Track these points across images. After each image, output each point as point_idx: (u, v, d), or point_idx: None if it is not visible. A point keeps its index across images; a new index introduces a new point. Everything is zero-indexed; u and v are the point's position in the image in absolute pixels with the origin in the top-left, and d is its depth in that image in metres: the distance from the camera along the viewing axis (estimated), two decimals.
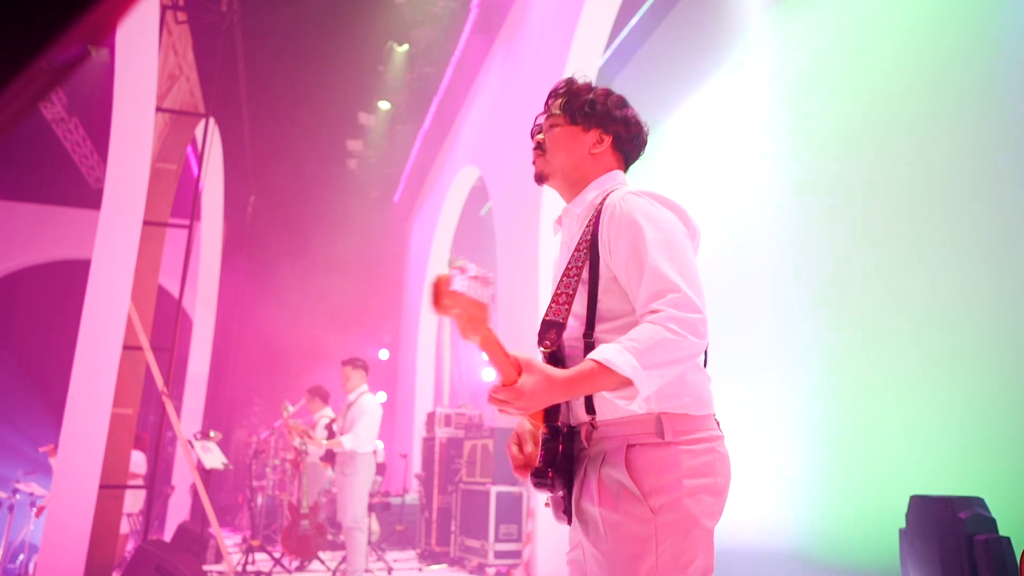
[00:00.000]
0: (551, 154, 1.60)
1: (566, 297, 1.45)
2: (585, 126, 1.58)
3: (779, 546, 4.99)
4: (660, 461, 1.35)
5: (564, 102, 1.60)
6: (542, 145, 1.61)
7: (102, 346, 4.66)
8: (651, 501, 1.32)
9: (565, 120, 1.60)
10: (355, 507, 5.13)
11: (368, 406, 5.27)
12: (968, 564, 2.94)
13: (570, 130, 1.59)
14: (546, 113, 1.64)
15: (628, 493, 1.34)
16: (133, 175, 4.99)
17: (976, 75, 4.08)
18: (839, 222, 4.96)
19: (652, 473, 1.34)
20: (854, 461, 4.53)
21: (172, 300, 6.85)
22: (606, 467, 1.38)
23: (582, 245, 1.48)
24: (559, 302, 1.45)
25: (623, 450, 1.37)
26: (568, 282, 1.46)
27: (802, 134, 5.37)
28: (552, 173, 1.61)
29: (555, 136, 1.60)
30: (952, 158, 4.18)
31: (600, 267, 1.45)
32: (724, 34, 6.35)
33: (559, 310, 1.44)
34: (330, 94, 10.10)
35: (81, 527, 4.41)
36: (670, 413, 1.38)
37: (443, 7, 8.36)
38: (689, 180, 6.78)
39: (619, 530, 1.33)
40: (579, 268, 1.46)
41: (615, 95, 1.62)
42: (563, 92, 1.63)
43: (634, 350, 1.27)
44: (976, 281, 3.95)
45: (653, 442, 1.36)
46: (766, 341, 5.41)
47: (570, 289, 1.45)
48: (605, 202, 1.49)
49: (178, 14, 6.49)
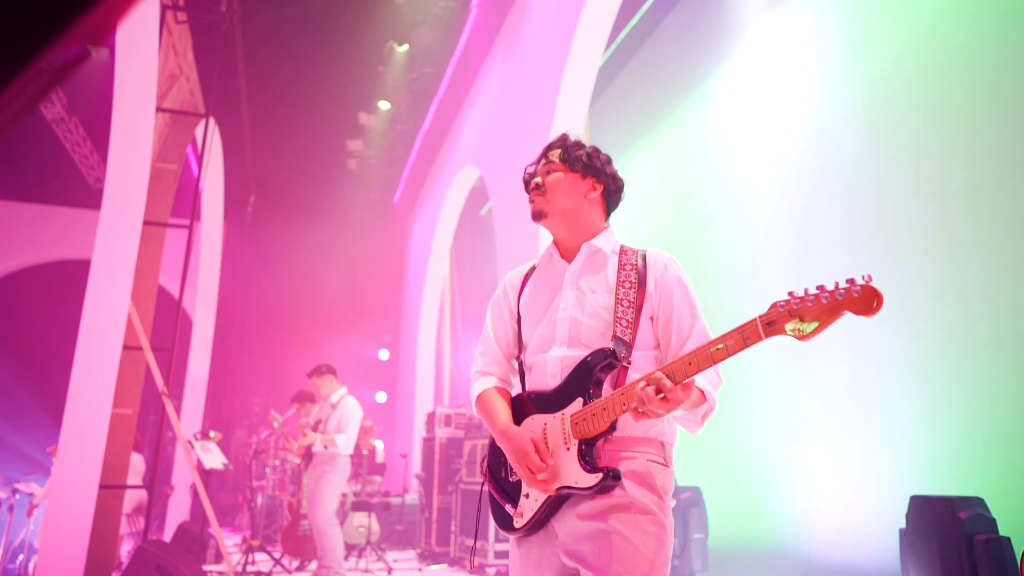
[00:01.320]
0: (552, 195, 1.80)
1: (627, 323, 1.67)
2: (583, 174, 1.80)
3: (779, 546, 4.99)
4: (667, 480, 1.65)
5: (562, 152, 1.82)
6: (541, 187, 1.81)
7: (102, 346, 4.66)
8: (663, 507, 1.62)
9: (564, 168, 1.81)
10: (328, 506, 5.14)
11: (351, 408, 5.34)
12: (968, 564, 2.94)
13: (569, 176, 1.81)
14: (543, 161, 1.85)
15: (654, 489, 1.61)
16: (133, 175, 4.99)
17: (979, 72, 4.08)
18: (839, 221, 4.96)
19: (664, 483, 1.63)
20: (854, 461, 4.53)
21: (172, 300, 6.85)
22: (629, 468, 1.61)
23: (626, 283, 1.71)
24: (623, 325, 1.67)
25: (645, 462, 1.62)
26: (626, 311, 1.68)
27: (801, 133, 5.37)
28: (552, 212, 1.81)
29: (556, 180, 1.81)
30: (952, 158, 4.18)
31: (646, 305, 1.70)
32: (724, 34, 6.35)
33: (625, 332, 1.66)
34: (330, 94, 10.10)
35: (81, 527, 4.41)
36: (667, 442, 1.68)
37: (443, 7, 8.35)
38: (688, 180, 6.78)
39: (648, 516, 1.57)
40: (631, 302, 1.69)
41: (604, 154, 1.87)
42: (559, 144, 1.85)
43: (713, 384, 1.63)
44: (976, 280, 3.95)
45: (661, 463, 1.65)
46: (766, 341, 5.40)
47: (629, 317, 1.68)
48: (649, 257, 1.76)
49: (178, 14, 6.49)
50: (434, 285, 11.92)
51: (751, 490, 5.37)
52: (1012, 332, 3.71)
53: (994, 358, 3.79)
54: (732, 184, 6.10)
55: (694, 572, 4.70)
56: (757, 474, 5.32)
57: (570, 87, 6.36)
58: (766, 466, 5.25)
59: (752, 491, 5.36)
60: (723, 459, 5.55)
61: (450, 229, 11.36)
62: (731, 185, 6.12)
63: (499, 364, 1.87)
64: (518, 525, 1.66)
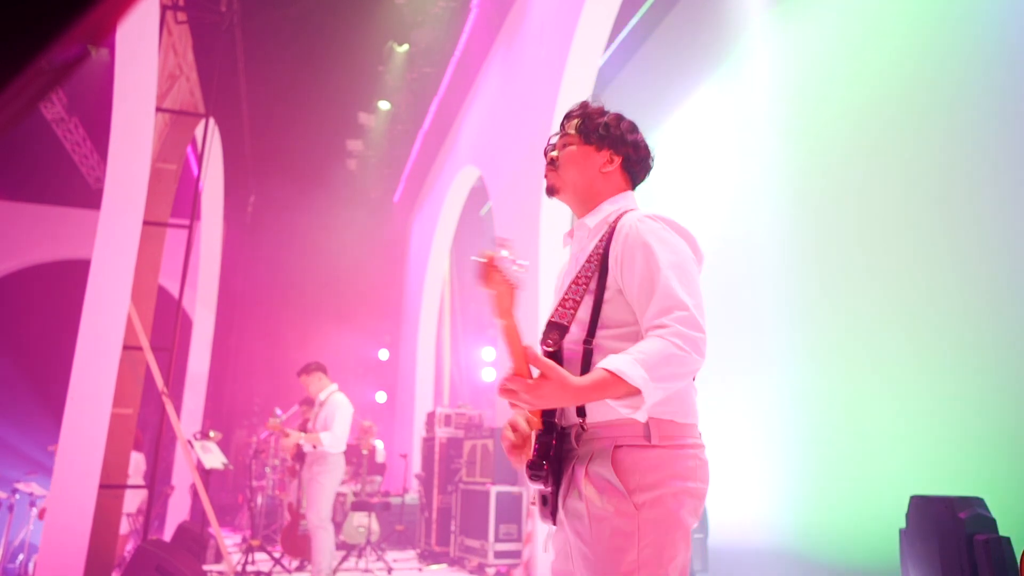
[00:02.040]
0: (563, 170, 1.70)
1: (572, 303, 1.54)
2: (598, 146, 1.69)
3: (779, 546, 4.99)
4: (645, 461, 1.43)
5: (579, 123, 1.70)
6: (555, 161, 1.71)
7: (102, 346, 4.66)
8: (635, 497, 1.40)
9: (579, 140, 1.70)
10: (322, 507, 5.07)
11: (341, 404, 5.21)
12: (968, 564, 2.94)
13: (583, 149, 1.69)
14: (560, 133, 1.74)
15: (613, 488, 1.41)
16: (133, 175, 4.99)
17: (976, 75, 4.07)
18: (838, 221, 4.96)
19: (637, 472, 1.42)
20: (854, 461, 4.53)
21: (172, 300, 6.84)
22: (593, 464, 1.46)
23: (593, 258, 1.57)
24: (565, 307, 1.54)
25: (610, 450, 1.45)
26: (576, 289, 1.55)
27: (801, 134, 5.37)
28: (563, 187, 1.70)
29: (568, 154, 1.70)
30: (952, 157, 4.18)
31: (608, 279, 1.53)
32: (724, 34, 6.35)
33: (564, 314, 1.53)
34: (330, 94, 10.11)
35: (81, 527, 4.40)
36: (657, 419, 1.46)
37: (443, 7, 8.36)
38: (687, 180, 6.78)
39: (604, 523, 1.41)
40: (588, 278, 1.55)
41: (627, 120, 1.73)
42: (578, 114, 1.73)
43: (644, 362, 1.34)
44: (976, 280, 3.95)
45: (639, 444, 1.44)
46: (765, 341, 5.41)
47: (577, 296, 1.54)
48: (619, 221, 1.58)
49: (178, 14, 6.48)
50: (434, 285, 11.92)
51: (751, 490, 5.37)
52: (1012, 332, 3.71)
53: (994, 358, 3.79)
54: (732, 184, 6.10)
55: (694, 572, 4.70)
56: (757, 474, 5.32)
57: (570, 87, 6.36)
58: (766, 466, 5.25)
59: (752, 491, 5.35)
60: (723, 459, 5.55)
61: (450, 229, 11.36)
62: (731, 185, 6.12)
63: None
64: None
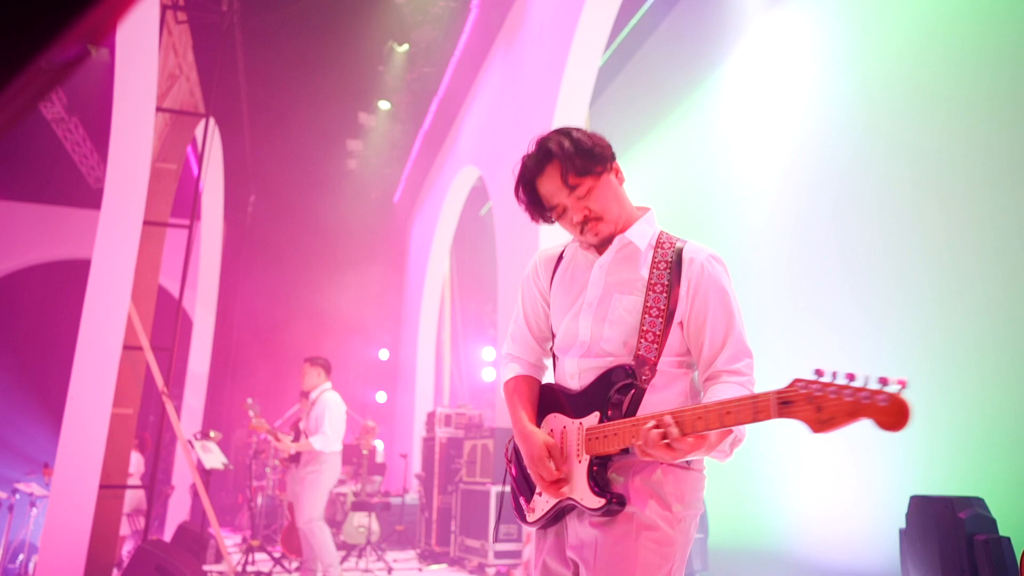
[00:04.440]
0: (607, 212, 1.61)
1: (654, 336, 1.55)
2: (608, 169, 1.63)
3: (779, 546, 4.99)
4: (685, 482, 1.55)
5: (575, 167, 1.58)
6: (591, 216, 1.60)
7: (102, 346, 4.66)
8: (675, 512, 1.52)
9: (592, 179, 1.59)
10: (313, 506, 5.03)
11: (329, 403, 5.18)
12: (968, 564, 2.94)
13: (602, 181, 1.61)
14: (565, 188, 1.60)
15: (663, 501, 1.51)
16: (133, 175, 4.99)
17: (979, 73, 4.07)
18: (840, 220, 4.96)
19: (680, 490, 1.53)
20: (854, 461, 4.53)
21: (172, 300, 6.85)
22: (640, 477, 1.53)
23: (657, 287, 1.57)
24: (648, 339, 1.55)
25: (657, 466, 1.53)
26: (654, 322, 1.56)
27: (801, 134, 5.37)
28: (616, 227, 1.64)
29: (599, 196, 1.60)
30: (954, 157, 4.18)
31: (676, 312, 1.57)
32: (723, 34, 6.35)
33: (650, 348, 1.55)
34: (330, 94, 10.10)
35: (81, 527, 4.41)
36: None
37: (443, 7, 8.35)
38: (688, 180, 6.78)
39: (652, 532, 1.49)
40: (660, 310, 1.56)
41: (578, 130, 1.65)
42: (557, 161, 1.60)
43: None
44: (976, 280, 3.95)
45: (681, 466, 1.55)
46: (765, 340, 5.41)
47: (656, 329, 1.55)
48: (685, 255, 1.60)
49: (178, 14, 6.49)
50: (434, 285, 11.92)
51: (751, 490, 5.37)
52: (1012, 332, 3.71)
53: (994, 358, 3.79)
54: (732, 184, 6.10)
55: (694, 572, 4.70)
56: (757, 474, 5.32)
57: (570, 87, 6.36)
58: (766, 466, 5.25)
59: (752, 491, 5.35)
60: None
61: (450, 229, 11.36)
62: (731, 185, 6.12)
63: (529, 348, 1.81)
64: (530, 520, 1.66)
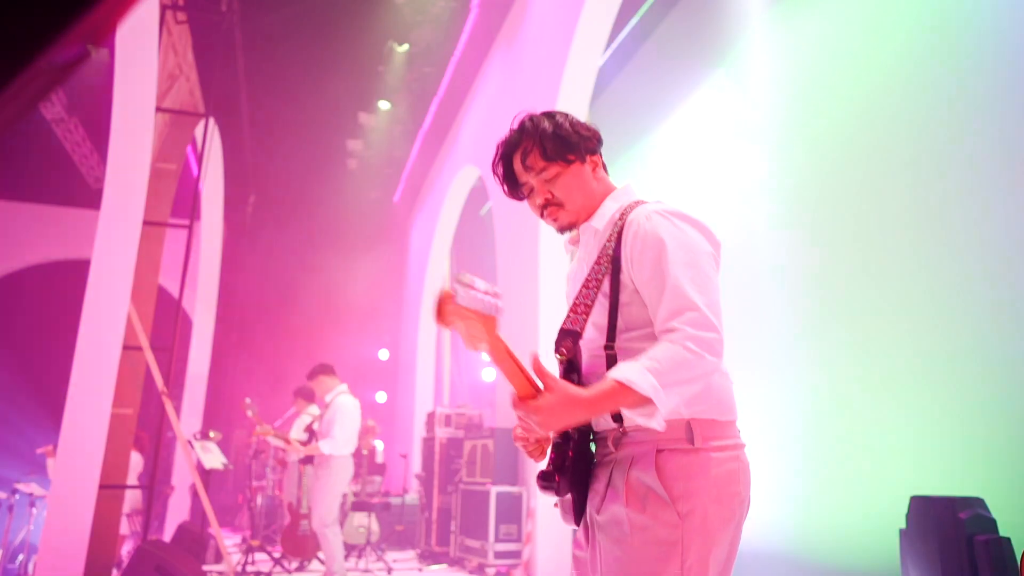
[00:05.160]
0: (569, 202, 1.54)
1: (584, 307, 1.46)
2: (582, 159, 1.55)
3: (779, 546, 4.99)
4: (690, 466, 1.38)
5: (545, 150, 1.52)
6: (552, 201, 1.55)
7: (102, 346, 4.66)
8: (679, 506, 1.35)
9: (559, 164, 1.53)
10: (326, 509, 5.06)
11: (344, 407, 5.19)
12: (968, 564, 2.94)
13: (571, 169, 1.54)
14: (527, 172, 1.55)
15: (657, 497, 1.36)
16: (133, 175, 4.99)
17: (976, 76, 4.07)
18: (838, 222, 4.96)
19: (682, 478, 1.36)
20: (854, 461, 4.53)
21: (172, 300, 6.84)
22: (635, 470, 1.39)
23: (603, 259, 1.48)
24: (577, 312, 1.46)
25: (652, 455, 1.38)
26: (587, 293, 1.47)
27: (801, 134, 5.37)
28: (578, 217, 1.57)
29: (565, 184, 1.54)
30: (953, 158, 4.18)
31: (622, 279, 1.45)
32: (723, 34, 6.35)
33: (577, 319, 1.45)
34: (330, 94, 10.10)
35: (81, 527, 4.40)
36: (699, 419, 1.41)
37: (443, 7, 8.35)
38: (687, 180, 6.78)
39: (645, 532, 1.35)
40: (599, 280, 1.47)
41: (565, 116, 1.58)
42: (530, 143, 1.54)
43: (654, 370, 1.29)
44: (976, 280, 3.95)
45: (683, 448, 1.39)
46: (765, 340, 5.41)
47: (589, 300, 1.46)
48: (628, 218, 1.49)
49: (178, 14, 6.48)
50: (434, 285, 11.92)
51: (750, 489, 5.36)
52: (1012, 331, 3.71)
53: (994, 358, 3.79)
54: (732, 184, 6.09)
55: None
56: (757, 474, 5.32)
57: (570, 87, 6.36)
58: (766, 465, 5.25)
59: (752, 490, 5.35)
60: None
61: (450, 229, 11.36)
62: (731, 185, 6.12)
63: None
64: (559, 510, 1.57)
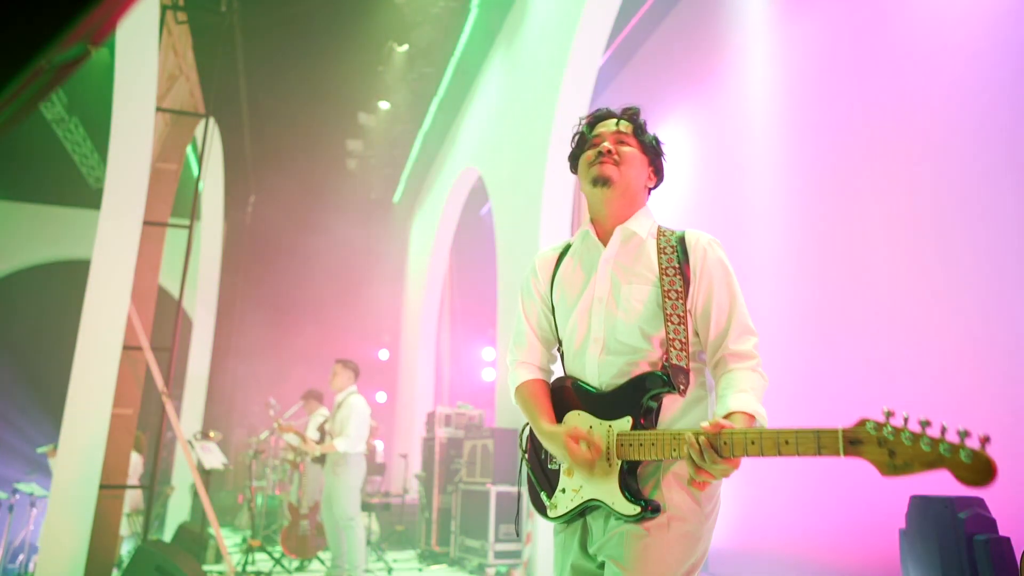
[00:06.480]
0: (626, 168, 1.67)
1: (681, 344, 1.55)
2: (651, 159, 1.73)
3: (778, 546, 4.99)
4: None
5: (636, 129, 1.71)
6: (616, 155, 1.67)
7: (102, 346, 4.66)
8: (704, 507, 1.53)
9: (638, 145, 1.70)
10: (348, 504, 5.25)
11: (356, 407, 5.37)
12: (968, 564, 2.94)
13: (641, 157, 1.71)
14: (616, 131, 1.71)
15: (693, 496, 1.52)
16: (133, 175, 4.99)
17: (977, 77, 4.08)
18: (838, 221, 4.96)
19: (710, 486, 1.50)
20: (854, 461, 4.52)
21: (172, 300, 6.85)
22: (676, 467, 1.53)
23: (670, 271, 1.59)
24: (676, 348, 1.55)
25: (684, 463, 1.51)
26: (675, 304, 1.57)
27: (801, 134, 5.37)
28: (619, 184, 1.67)
29: (631, 156, 1.69)
30: (953, 157, 4.18)
31: (689, 301, 1.59)
32: (724, 34, 6.35)
33: (680, 356, 1.54)
34: (330, 94, 10.11)
35: (81, 527, 4.40)
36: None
37: (443, 7, 8.35)
38: (687, 180, 6.78)
39: (682, 524, 1.50)
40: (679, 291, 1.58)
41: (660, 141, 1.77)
42: (631, 119, 1.72)
43: (759, 398, 1.52)
44: (975, 279, 3.95)
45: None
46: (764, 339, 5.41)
47: (680, 311, 1.57)
48: (687, 239, 1.64)
49: (178, 14, 6.48)
50: (434, 285, 11.92)
51: (750, 490, 5.37)
52: (1011, 331, 3.71)
53: (994, 358, 3.79)
54: (733, 184, 6.10)
55: None
56: (756, 474, 5.32)
57: (570, 87, 6.36)
58: (765, 465, 5.25)
59: (751, 491, 5.35)
60: None
61: (450, 229, 11.36)
62: (732, 185, 6.12)
63: (536, 352, 1.78)
64: (551, 515, 1.63)
